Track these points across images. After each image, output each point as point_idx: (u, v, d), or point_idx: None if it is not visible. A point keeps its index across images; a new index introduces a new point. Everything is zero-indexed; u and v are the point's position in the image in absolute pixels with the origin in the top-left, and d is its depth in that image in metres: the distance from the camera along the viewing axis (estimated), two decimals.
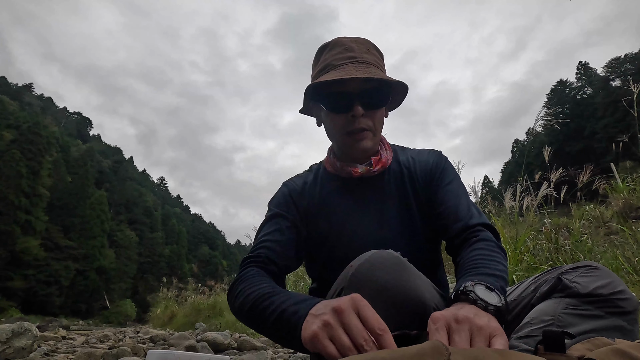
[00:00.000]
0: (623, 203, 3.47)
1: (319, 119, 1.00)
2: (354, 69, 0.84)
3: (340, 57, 0.88)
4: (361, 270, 0.64)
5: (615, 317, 0.66)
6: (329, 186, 0.98)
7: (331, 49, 0.91)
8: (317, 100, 0.92)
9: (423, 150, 1.05)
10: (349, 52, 0.88)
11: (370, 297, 0.61)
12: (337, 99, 0.87)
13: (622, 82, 32.93)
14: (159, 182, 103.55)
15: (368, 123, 0.89)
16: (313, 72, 0.96)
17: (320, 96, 0.90)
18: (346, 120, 0.88)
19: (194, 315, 8.16)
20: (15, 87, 77.39)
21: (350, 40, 0.91)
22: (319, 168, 1.05)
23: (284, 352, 2.65)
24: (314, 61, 0.97)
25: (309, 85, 0.91)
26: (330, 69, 0.88)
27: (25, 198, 38.93)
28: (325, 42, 0.94)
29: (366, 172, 0.93)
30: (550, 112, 3.32)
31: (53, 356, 2.42)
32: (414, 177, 0.97)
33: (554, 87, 47.33)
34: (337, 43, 0.91)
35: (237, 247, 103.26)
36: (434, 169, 0.97)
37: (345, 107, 0.87)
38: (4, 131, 42.69)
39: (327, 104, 0.89)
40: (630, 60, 39.02)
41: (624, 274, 2.34)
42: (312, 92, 0.91)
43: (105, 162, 73.13)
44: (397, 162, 1.00)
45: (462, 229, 0.85)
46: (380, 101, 0.90)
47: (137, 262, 55.93)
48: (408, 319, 0.60)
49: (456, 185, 0.95)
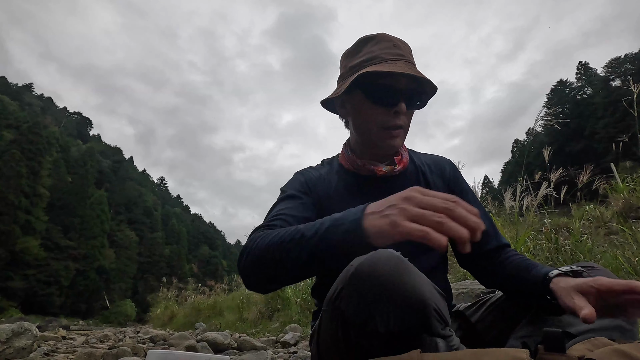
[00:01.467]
0: (623, 203, 3.47)
1: (349, 112, 0.95)
2: (406, 66, 0.84)
3: (389, 52, 0.87)
4: (361, 269, 0.64)
5: (614, 316, 0.66)
6: (345, 181, 0.97)
7: (378, 43, 0.89)
8: (360, 90, 0.88)
9: (435, 156, 1.06)
10: (397, 50, 0.88)
11: (370, 296, 0.61)
12: (384, 93, 0.86)
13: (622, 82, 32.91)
14: (159, 182, 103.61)
15: (405, 121, 0.89)
16: (351, 62, 0.92)
17: (365, 86, 0.87)
18: (387, 115, 0.87)
19: (194, 315, 8.17)
20: (15, 87, 77.39)
21: (395, 38, 0.91)
22: (332, 163, 1.03)
23: (284, 352, 2.65)
24: (353, 51, 0.94)
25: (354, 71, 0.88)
26: (379, 61, 0.86)
27: (25, 198, 38.95)
28: (368, 35, 0.93)
29: (389, 171, 0.93)
30: (550, 112, 3.32)
31: (53, 356, 2.42)
32: (429, 181, 0.98)
33: (554, 87, 47.35)
34: (384, 38, 0.90)
35: (237, 247, 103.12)
36: (451, 180, 1.00)
37: (390, 101, 0.86)
38: (4, 131, 42.72)
39: (373, 96, 0.87)
40: (630, 60, 39.03)
41: (624, 274, 2.34)
42: (355, 81, 0.87)
43: (105, 162, 73.12)
44: (413, 163, 1.01)
45: (495, 248, 0.92)
46: (422, 102, 0.91)
47: (137, 262, 55.94)
48: (408, 318, 0.60)
49: (473, 199, 0.99)
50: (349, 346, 0.69)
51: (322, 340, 0.81)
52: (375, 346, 0.62)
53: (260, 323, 5.07)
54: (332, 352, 0.76)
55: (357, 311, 0.63)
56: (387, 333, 0.60)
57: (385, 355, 0.55)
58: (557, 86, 47.02)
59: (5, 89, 66.40)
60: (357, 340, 0.66)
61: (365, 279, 0.63)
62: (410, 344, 0.58)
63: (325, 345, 0.79)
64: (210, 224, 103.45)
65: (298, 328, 3.82)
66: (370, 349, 0.63)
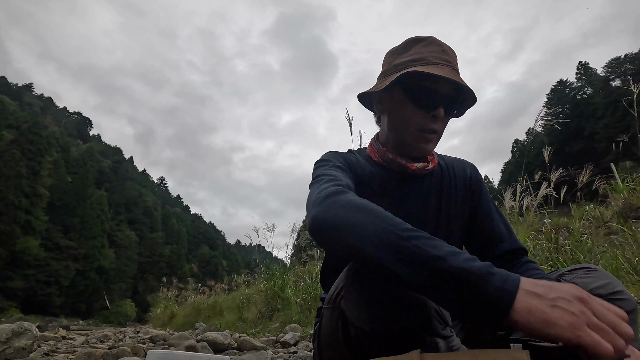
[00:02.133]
0: (623, 203, 3.47)
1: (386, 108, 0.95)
2: (451, 73, 0.84)
3: (437, 56, 0.87)
4: (362, 269, 0.64)
5: None
6: (375, 172, 0.96)
7: (427, 45, 0.89)
8: (402, 88, 0.88)
9: (458, 159, 1.08)
10: (445, 55, 0.87)
11: (371, 295, 0.61)
12: (426, 95, 0.86)
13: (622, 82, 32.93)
14: (159, 182, 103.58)
15: (440, 127, 0.90)
16: (397, 60, 0.92)
17: (408, 86, 0.87)
18: (424, 118, 0.87)
19: (194, 315, 8.16)
20: (15, 87, 77.36)
21: (445, 45, 0.90)
22: (361, 153, 1.02)
23: (283, 352, 2.65)
24: (400, 49, 0.93)
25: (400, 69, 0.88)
26: (426, 63, 0.86)
27: (25, 198, 38.92)
28: (418, 36, 0.93)
29: (421, 169, 0.94)
30: (550, 112, 3.32)
31: (53, 356, 2.42)
32: (452, 183, 0.99)
33: (554, 87, 47.32)
34: (433, 41, 0.90)
35: (237, 247, 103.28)
36: (474, 183, 1.01)
37: (431, 105, 0.86)
38: (4, 131, 42.70)
39: (413, 96, 0.87)
40: (630, 60, 39.00)
41: (624, 274, 2.34)
42: (398, 79, 0.86)
43: (105, 162, 73.09)
44: (439, 165, 1.02)
45: (509, 250, 0.94)
46: (460, 111, 0.92)
47: (137, 262, 55.91)
48: (408, 318, 0.60)
49: (492, 204, 1.01)
50: (349, 345, 0.69)
51: (322, 338, 0.81)
52: (375, 346, 0.62)
53: (260, 323, 5.07)
54: (332, 350, 0.76)
55: (357, 311, 0.63)
56: (387, 333, 0.60)
57: (385, 355, 0.55)
58: (557, 86, 46.99)
59: (5, 89, 66.39)
60: (357, 339, 0.66)
61: (366, 277, 0.63)
62: (410, 344, 0.58)
63: (326, 343, 0.79)
64: (210, 224, 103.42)
65: (298, 328, 3.82)
66: (370, 348, 0.63)
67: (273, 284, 5.34)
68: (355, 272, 0.65)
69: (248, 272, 8.96)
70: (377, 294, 0.61)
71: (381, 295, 0.61)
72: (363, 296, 0.62)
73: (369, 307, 0.61)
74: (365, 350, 0.64)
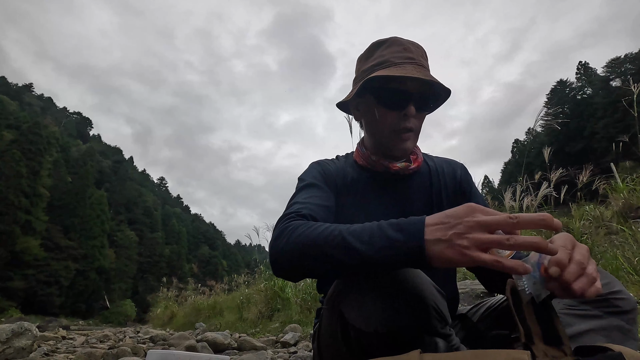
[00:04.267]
0: (623, 203, 3.47)
1: (362, 114, 0.98)
2: (415, 70, 0.85)
3: (399, 56, 0.88)
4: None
5: (613, 316, 0.67)
6: (359, 176, 0.98)
7: (389, 47, 0.91)
8: (370, 93, 0.91)
9: (448, 159, 1.08)
10: (407, 53, 0.89)
11: (368, 293, 0.61)
12: (393, 96, 0.88)
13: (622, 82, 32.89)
14: (159, 182, 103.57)
15: (415, 124, 0.90)
16: (363, 66, 0.95)
17: (375, 90, 0.89)
18: (397, 118, 0.89)
19: (194, 315, 8.16)
20: (15, 87, 77.37)
21: (407, 42, 0.91)
22: (347, 158, 1.04)
23: (284, 352, 2.65)
24: (365, 55, 0.96)
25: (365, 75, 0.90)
26: (389, 65, 0.87)
27: (25, 198, 38.90)
28: (380, 39, 0.95)
29: (404, 169, 0.94)
30: (550, 112, 3.32)
31: (53, 356, 2.42)
32: (441, 182, 1.00)
33: (554, 87, 47.30)
34: (395, 42, 0.91)
35: (237, 247, 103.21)
36: (464, 183, 1.01)
37: (400, 105, 0.88)
38: (4, 131, 42.69)
39: (382, 99, 0.89)
40: (630, 60, 39.00)
41: (624, 274, 2.33)
42: (365, 85, 0.90)
43: (105, 162, 73.10)
44: (426, 164, 1.02)
45: None
46: (433, 105, 0.93)
47: (137, 262, 55.89)
48: (407, 318, 0.60)
49: (483, 201, 1.01)
50: (348, 345, 0.69)
51: (322, 339, 0.81)
52: (375, 346, 0.62)
53: (260, 323, 5.07)
54: (332, 350, 0.76)
55: (356, 311, 0.63)
56: (387, 333, 0.60)
57: (385, 355, 0.55)
58: (557, 86, 46.97)
59: (5, 89, 66.39)
60: (357, 340, 0.66)
61: (365, 278, 0.63)
62: (410, 344, 0.58)
63: (325, 343, 0.79)
64: (210, 224, 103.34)
65: (298, 328, 3.82)
66: (370, 349, 0.63)
67: (273, 284, 5.34)
68: (353, 273, 0.65)
69: (248, 272, 8.96)
70: (376, 294, 0.61)
71: (380, 296, 0.61)
72: (362, 297, 0.62)
73: (368, 307, 0.61)
74: (365, 351, 0.64)
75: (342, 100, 1.00)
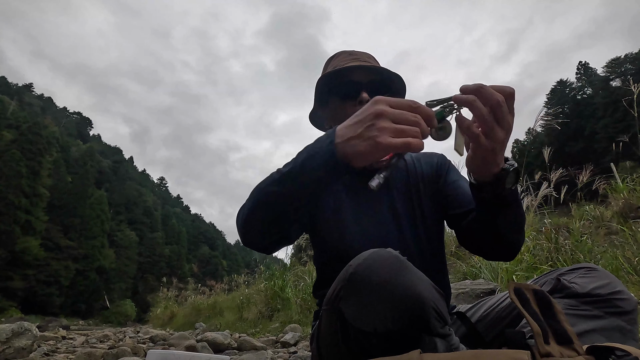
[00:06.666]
0: (623, 203, 3.47)
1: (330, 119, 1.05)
2: (356, 62, 0.97)
3: (346, 60, 1.00)
4: (360, 270, 0.64)
5: (614, 317, 0.66)
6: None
7: (337, 57, 1.04)
8: (327, 95, 1.02)
9: (427, 152, 1.10)
10: (353, 56, 1.01)
11: (368, 297, 0.61)
12: (345, 87, 0.97)
13: (622, 82, 32.93)
14: (159, 182, 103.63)
15: None
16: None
17: (329, 90, 1.00)
18: (354, 107, 0.94)
19: (194, 315, 8.17)
20: (15, 87, 77.40)
21: (356, 51, 1.04)
22: None
23: (283, 352, 2.65)
24: (324, 70, 1.07)
25: (318, 81, 1.02)
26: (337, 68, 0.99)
27: (25, 198, 38.91)
28: (332, 55, 1.08)
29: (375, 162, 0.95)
30: (550, 112, 3.32)
31: (53, 356, 2.42)
32: (418, 171, 1.02)
33: (554, 87, 47.30)
34: (343, 52, 1.05)
35: (237, 247, 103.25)
36: (441, 167, 1.04)
37: (352, 94, 0.96)
38: (4, 131, 42.69)
39: (337, 93, 0.99)
40: (630, 60, 39.04)
41: (624, 274, 2.33)
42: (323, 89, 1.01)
43: (105, 162, 73.13)
44: (404, 160, 1.04)
45: None
46: (384, 90, 0.98)
47: (137, 262, 55.93)
48: (407, 318, 0.60)
49: (460, 176, 1.03)
50: (348, 346, 0.69)
51: (322, 340, 0.81)
52: (375, 346, 0.62)
53: (260, 323, 5.07)
54: (332, 352, 0.76)
55: (355, 312, 0.63)
56: (387, 333, 0.60)
57: (385, 355, 0.55)
58: (557, 86, 46.96)
59: (5, 89, 66.42)
60: (357, 340, 0.66)
61: (364, 278, 0.63)
62: (409, 344, 0.58)
63: (325, 345, 0.79)
64: (210, 224, 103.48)
65: (298, 328, 3.82)
66: (370, 349, 0.62)
67: (273, 284, 5.34)
68: (352, 273, 0.65)
69: (248, 272, 8.97)
70: (375, 294, 0.61)
71: (380, 296, 0.61)
72: (361, 297, 0.62)
73: (368, 307, 0.61)
74: (364, 351, 0.64)
75: (310, 114, 1.10)
